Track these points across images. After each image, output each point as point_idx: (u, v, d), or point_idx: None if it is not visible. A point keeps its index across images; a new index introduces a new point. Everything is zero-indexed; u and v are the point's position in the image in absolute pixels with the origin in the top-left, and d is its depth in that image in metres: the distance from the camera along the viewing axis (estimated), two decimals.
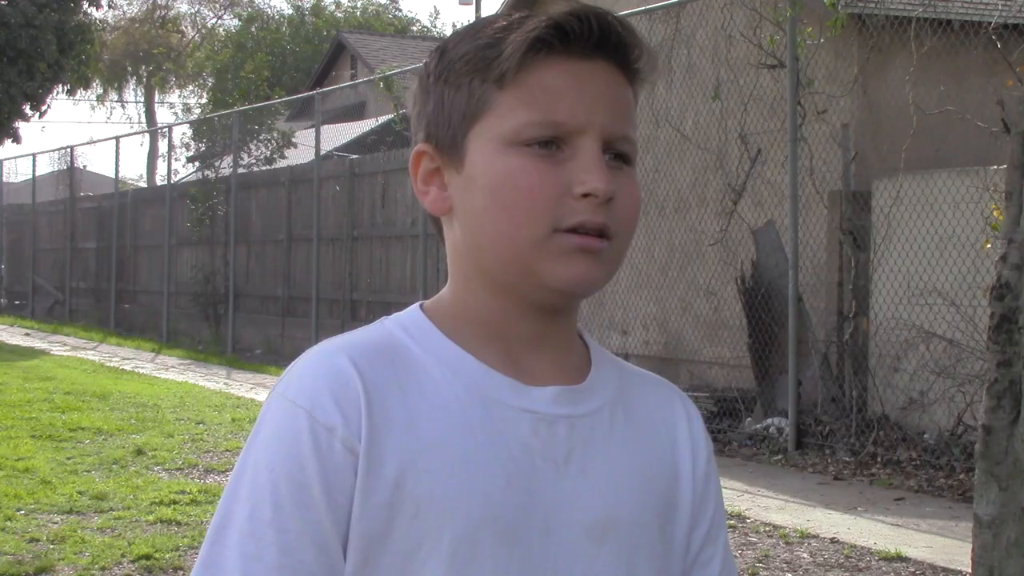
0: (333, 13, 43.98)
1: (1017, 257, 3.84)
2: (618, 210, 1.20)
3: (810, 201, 9.92)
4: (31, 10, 21.56)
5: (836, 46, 10.06)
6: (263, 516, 1.15)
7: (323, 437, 1.15)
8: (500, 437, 1.19)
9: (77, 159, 25.58)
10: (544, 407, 1.22)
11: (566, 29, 1.19)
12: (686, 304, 11.83)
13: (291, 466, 1.15)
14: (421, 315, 1.25)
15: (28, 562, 5.75)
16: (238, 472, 1.19)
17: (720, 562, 1.32)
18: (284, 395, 1.19)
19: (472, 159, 1.21)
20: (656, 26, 11.93)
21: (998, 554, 3.77)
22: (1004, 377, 3.81)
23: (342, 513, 1.15)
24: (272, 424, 1.18)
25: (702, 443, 1.33)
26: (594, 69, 1.21)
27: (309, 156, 18.11)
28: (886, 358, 9.33)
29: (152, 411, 11.01)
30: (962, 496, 7.55)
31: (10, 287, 28.20)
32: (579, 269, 1.19)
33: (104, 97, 49.51)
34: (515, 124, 1.19)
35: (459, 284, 1.26)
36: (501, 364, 1.22)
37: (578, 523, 1.21)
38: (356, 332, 1.25)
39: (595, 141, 1.19)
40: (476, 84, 1.20)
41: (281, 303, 18.10)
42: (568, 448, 1.22)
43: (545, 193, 1.18)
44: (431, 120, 1.24)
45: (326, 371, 1.18)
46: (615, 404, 1.27)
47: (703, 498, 1.31)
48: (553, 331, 1.25)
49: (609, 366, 1.30)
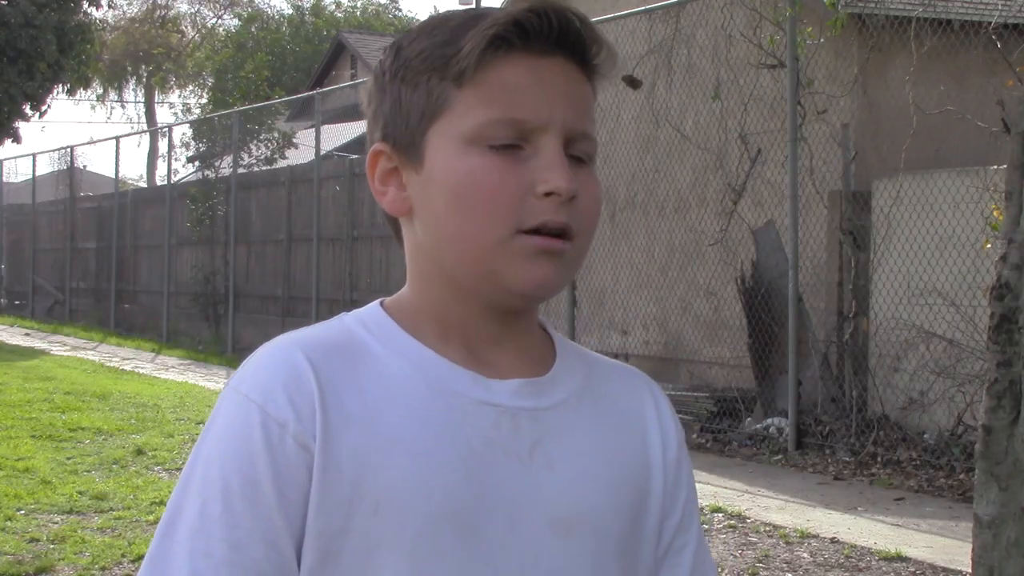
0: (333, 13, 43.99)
1: (1017, 257, 3.84)
2: (580, 208, 1.19)
3: (810, 201, 9.92)
4: (31, 10, 21.56)
5: (836, 46, 10.06)
6: (213, 512, 1.13)
7: (275, 432, 1.14)
8: (460, 431, 1.17)
9: (77, 159, 25.59)
10: (506, 400, 1.20)
11: (525, 26, 1.17)
12: (686, 304, 11.83)
13: (242, 461, 1.14)
14: (381, 311, 1.24)
15: (28, 562, 5.75)
16: (190, 467, 1.17)
17: (693, 549, 1.31)
18: (237, 389, 1.17)
19: (431, 159, 1.19)
20: (656, 26, 11.93)
21: (998, 554, 3.77)
22: (1004, 377, 3.81)
23: (294, 509, 1.14)
24: (224, 419, 1.17)
25: (672, 430, 1.31)
26: (554, 66, 1.19)
27: (309, 156, 18.11)
28: (886, 358, 9.34)
29: (152, 411, 11.01)
30: (962, 496, 7.55)
31: (10, 287, 28.20)
32: (541, 272, 1.17)
33: (104, 97, 49.53)
34: (475, 123, 1.17)
35: (419, 284, 1.24)
36: (462, 358, 1.21)
37: (543, 517, 1.19)
38: (314, 327, 1.24)
39: (557, 138, 1.17)
40: (434, 82, 1.18)
41: (281, 303, 18.10)
42: (532, 441, 1.20)
43: (507, 193, 1.16)
44: (388, 119, 1.23)
45: (280, 366, 1.17)
46: (581, 395, 1.26)
47: (675, 485, 1.30)
48: (514, 329, 1.24)
49: (574, 357, 1.29)
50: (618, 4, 12.42)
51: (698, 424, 10.06)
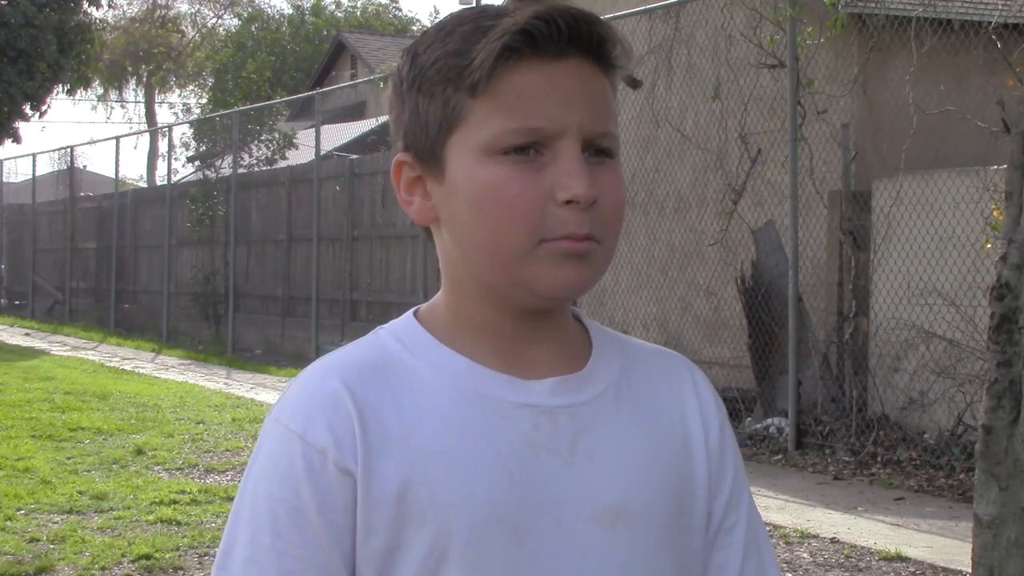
0: (333, 13, 43.99)
1: (1017, 257, 3.84)
2: (603, 211, 1.19)
3: (810, 201, 9.92)
4: (31, 10, 21.56)
5: (836, 46, 10.06)
6: (263, 542, 1.17)
7: (316, 460, 1.17)
8: (501, 435, 1.19)
9: (77, 159, 25.59)
10: (543, 399, 1.22)
11: (534, 33, 1.17)
12: (686, 304, 11.83)
13: (287, 491, 1.17)
14: (414, 322, 1.26)
15: (28, 562, 5.75)
16: (239, 498, 1.21)
17: (745, 526, 1.31)
18: (279, 420, 1.21)
19: (452, 170, 1.20)
20: (656, 26, 11.93)
21: (998, 554, 3.77)
22: (1004, 377, 3.81)
23: (342, 534, 1.17)
24: (268, 450, 1.20)
25: (713, 411, 1.32)
26: (567, 68, 1.19)
27: (309, 156, 18.10)
28: (886, 358, 9.33)
29: (152, 411, 11.01)
30: (962, 496, 7.55)
31: (10, 287, 28.20)
32: (569, 275, 1.18)
33: (104, 97, 49.54)
34: (491, 133, 1.17)
35: (452, 289, 1.26)
36: (497, 362, 1.22)
37: (588, 511, 1.20)
38: (349, 348, 1.26)
39: (574, 142, 1.18)
40: (450, 93, 1.19)
41: (281, 303, 18.10)
42: (572, 437, 1.21)
43: (527, 202, 1.17)
44: (408, 129, 1.23)
45: (317, 393, 1.20)
46: (619, 386, 1.27)
47: (720, 466, 1.30)
48: (548, 327, 1.25)
49: (611, 347, 1.30)
50: (618, 4, 12.42)
51: None
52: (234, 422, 10.41)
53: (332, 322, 16.33)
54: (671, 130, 11.83)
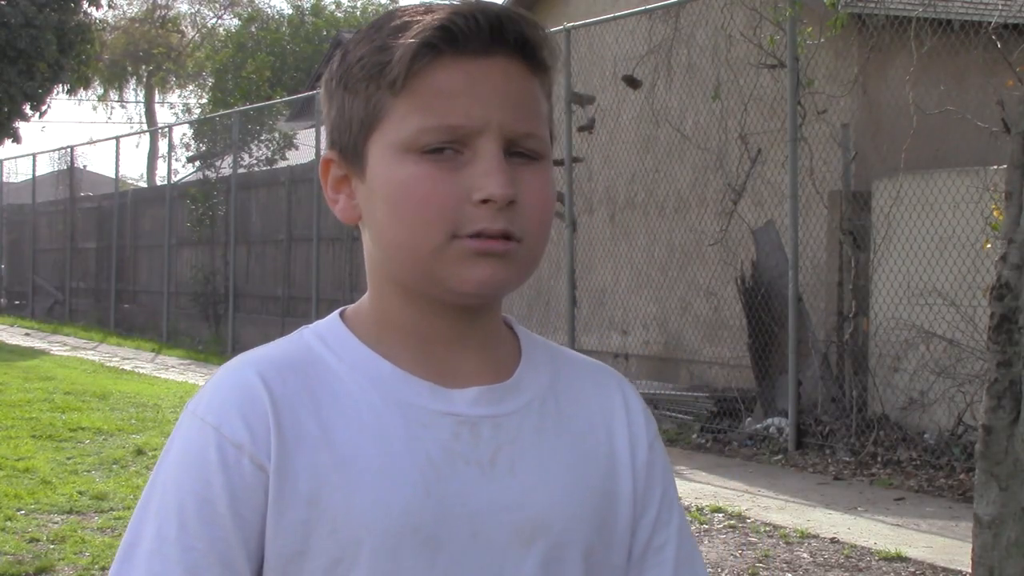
0: (333, 13, 43.97)
1: (1017, 257, 3.84)
2: (523, 211, 1.16)
3: (810, 201, 9.92)
4: (31, 10, 21.56)
5: (836, 46, 10.06)
6: (169, 534, 1.14)
7: (231, 454, 1.14)
8: (419, 443, 1.16)
9: (77, 159, 25.58)
10: (465, 408, 1.19)
11: (452, 30, 1.14)
12: (686, 304, 11.83)
13: (198, 483, 1.14)
14: (339, 323, 1.24)
15: (28, 562, 5.75)
16: (148, 490, 1.17)
17: (675, 545, 1.28)
18: (194, 413, 1.17)
19: (372, 168, 1.18)
20: (656, 26, 11.93)
21: (998, 554, 3.77)
22: (1004, 377, 3.81)
23: (251, 530, 1.14)
24: (181, 442, 1.17)
25: (642, 428, 1.29)
26: (490, 66, 1.16)
27: (309, 156, 18.11)
28: (886, 358, 9.33)
29: (152, 411, 11.02)
30: (962, 496, 7.55)
31: (10, 287, 28.20)
32: (484, 272, 1.15)
33: (104, 97, 49.52)
34: (410, 131, 1.15)
35: (375, 290, 1.24)
36: (421, 368, 1.20)
37: (507, 525, 1.17)
38: (271, 345, 1.23)
39: (493, 142, 1.15)
40: (372, 91, 1.17)
41: (281, 303, 18.10)
42: (493, 449, 1.19)
43: (440, 201, 1.14)
44: (335, 127, 1.22)
45: (234, 387, 1.17)
46: (545, 398, 1.24)
47: (647, 485, 1.27)
48: (474, 330, 1.22)
49: (541, 357, 1.27)
50: (618, 4, 12.42)
51: (698, 424, 10.06)
52: None
53: None
54: (671, 130, 11.82)
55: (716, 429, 9.86)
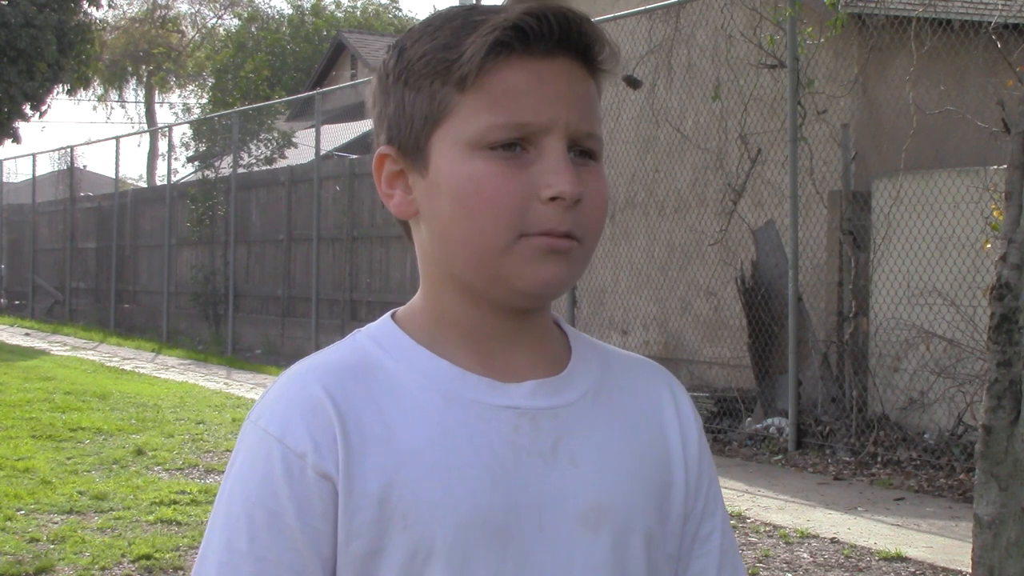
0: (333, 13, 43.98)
1: (1017, 257, 3.84)
2: (586, 211, 1.19)
3: (810, 201, 9.92)
4: (31, 10, 21.56)
5: (836, 46, 10.06)
6: (239, 546, 1.16)
7: (295, 464, 1.16)
8: (482, 438, 1.19)
9: (77, 159, 25.59)
10: (523, 401, 1.21)
11: (525, 29, 1.16)
12: (686, 304, 11.83)
13: (264, 495, 1.16)
14: (392, 325, 1.26)
15: (28, 562, 5.75)
16: (217, 502, 1.20)
17: (720, 535, 1.32)
18: (256, 423, 1.19)
19: (436, 164, 1.19)
20: (656, 26, 11.93)
21: (998, 554, 3.77)
22: (1004, 377, 3.81)
23: (321, 538, 1.16)
24: (246, 453, 1.19)
25: (691, 422, 1.32)
26: (556, 67, 1.18)
27: (309, 156, 18.11)
28: (886, 358, 9.34)
29: (152, 411, 11.01)
30: (962, 496, 7.55)
31: (10, 287, 28.20)
32: (548, 271, 1.18)
33: (104, 97, 49.53)
34: (478, 127, 1.17)
35: (430, 287, 1.26)
36: (476, 365, 1.22)
37: (572, 513, 1.20)
38: (328, 351, 1.25)
39: (560, 140, 1.17)
40: (437, 87, 1.18)
41: (281, 303, 18.10)
42: (554, 439, 1.21)
43: (510, 198, 1.16)
44: (392, 122, 1.23)
45: (297, 397, 1.19)
46: (598, 390, 1.27)
47: (697, 476, 1.31)
48: (526, 327, 1.24)
49: (590, 353, 1.30)
50: (618, 4, 12.42)
51: None
52: (234, 422, 10.41)
53: (332, 322, 16.33)
54: (671, 130, 11.82)
55: (716, 429, 9.86)
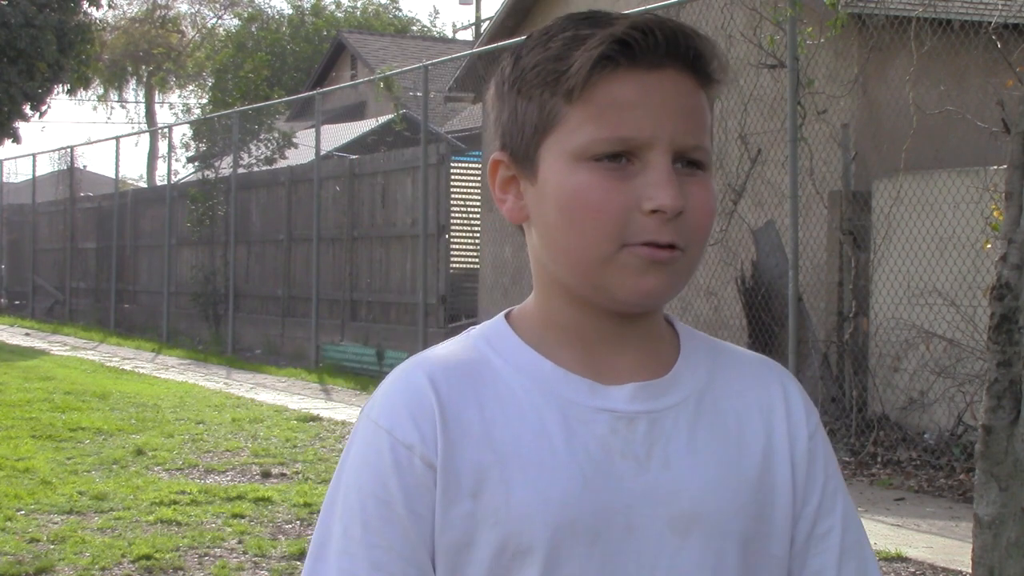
0: (333, 13, 43.97)
1: (1017, 257, 3.84)
2: (689, 221, 1.21)
3: (810, 201, 9.92)
4: (31, 10, 21.56)
5: (836, 46, 10.06)
6: (354, 534, 1.22)
7: (403, 455, 1.21)
8: (578, 439, 1.21)
9: (77, 159, 25.60)
10: (622, 405, 1.23)
11: (631, 43, 1.19)
12: (686, 304, 11.83)
13: (376, 485, 1.22)
14: (504, 324, 1.29)
15: (28, 562, 5.75)
16: (332, 492, 1.26)
17: (840, 532, 1.31)
18: (368, 416, 1.25)
19: (544, 172, 1.22)
20: None
21: (998, 554, 3.77)
22: (1004, 377, 3.81)
23: (427, 525, 1.21)
24: (359, 446, 1.25)
25: (802, 420, 1.32)
26: (663, 79, 1.20)
27: (309, 156, 18.11)
28: (886, 358, 9.34)
29: (152, 411, 11.01)
30: (962, 496, 7.55)
31: (10, 287, 28.20)
32: (649, 283, 1.20)
33: (104, 97, 49.53)
34: (583, 140, 1.19)
35: (540, 289, 1.29)
36: (581, 366, 1.24)
37: (661, 517, 1.22)
38: (443, 346, 1.29)
39: (664, 154, 1.19)
40: (547, 97, 1.21)
41: (281, 303, 18.10)
42: (649, 443, 1.23)
43: (613, 210, 1.19)
44: (506, 130, 1.26)
45: (404, 389, 1.24)
46: (703, 393, 1.28)
47: (808, 475, 1.30)
48: (633, 330, 1.27)
49: (700, 353, 1.32)
50: (618, 4, 12.42)
51: None
52: (234, 422, 10.41)
53: (332, 322, 16.33)
54: None
55: None
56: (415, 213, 15.10)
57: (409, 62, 23.25)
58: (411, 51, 31.14)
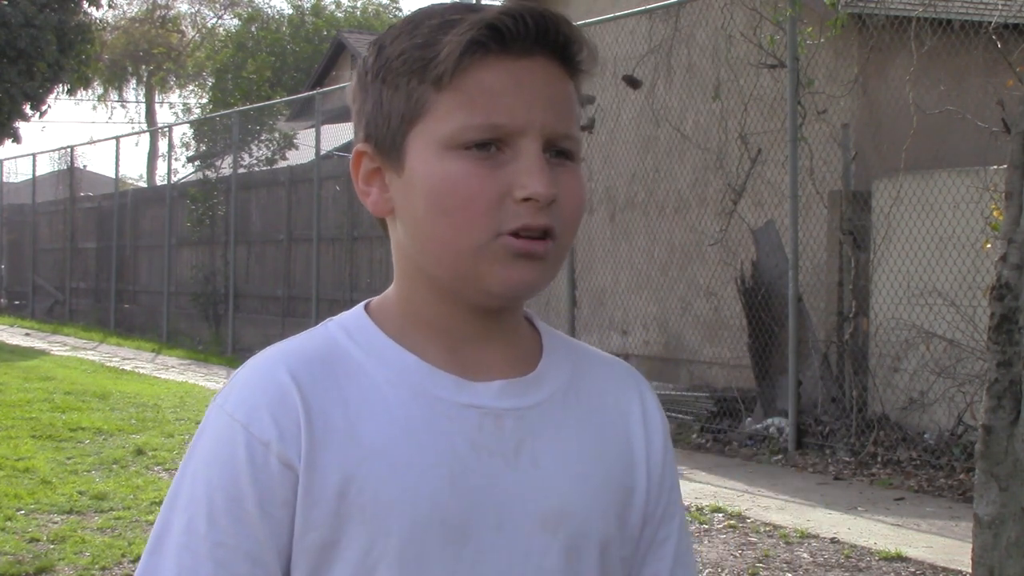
0: (333, 13, 43.97)
1: (1017, 257, 3.84)
2: (561, 210, 1.18)
3: (810, 201, 9.92)
4: (31, 10, 21.56)
5: (836, 46, 10.06)
6: (198, 529, 1.16)
7: (259, 452, 1.16)
8: (445, 436, 1.18)
9: (77, 159, 25.58)
10: (489, 401, 1.21)
11: (501, 29, 1.16)
12: (686, 304, 11.83)
13: (226, 480, 1.16)
14: (364, 316, 1.25)
15: (28, 562, 5.75)
16: (177, 482, 1.20)
17: (676, 540, 1.32)
18: (223, 408, 1.19)
19: (412, 162, 1.19)
20: (656, 26, 11.93)
21: (998, 554, 3.77)
22: (1004, 377, 3.81)
23: (280, 527, 1.16)
24: (210, 436, 1.19)
25: (657, 426, 1.32)
26: (533, 67, 1.18)
27: (309, 156, 18.11)
28: (886, 358, 9.33)
29: (152, 411, 11.01)
30: (962, 496, 7.55)
31: (10, 287, 28.20)
32: (520, 273, 1.17)
33: (104, 97, 49.53)
34: (453, 127, 1.16)
35: (403, 283, 1.25)
36: (446, 362, 1.22)
37: (532, 515, 1.20)
38: (298, 338, 1.24)
39: (536, 141, 1.17)
40: (414, 85, 1.18)
41: (281, 303, 18.10)
42: (517, 440, 1.21)
43: (485, 198, 1.16)
44: (370, 120, 1.23)
45: (265, 384, 1.18)
46: (567, 391, 1.26)
47: (660, 481, 1.30)
48: (498, 326, 1.24)
49: (562, 352, 1.29)
50: (618, 4, 12.42)
51: (698, 424, 10.06)
52: None
53: None
54: (671, 130, 11.82)
55: (716, 429, 9.86)
56: None
57: None
58: None
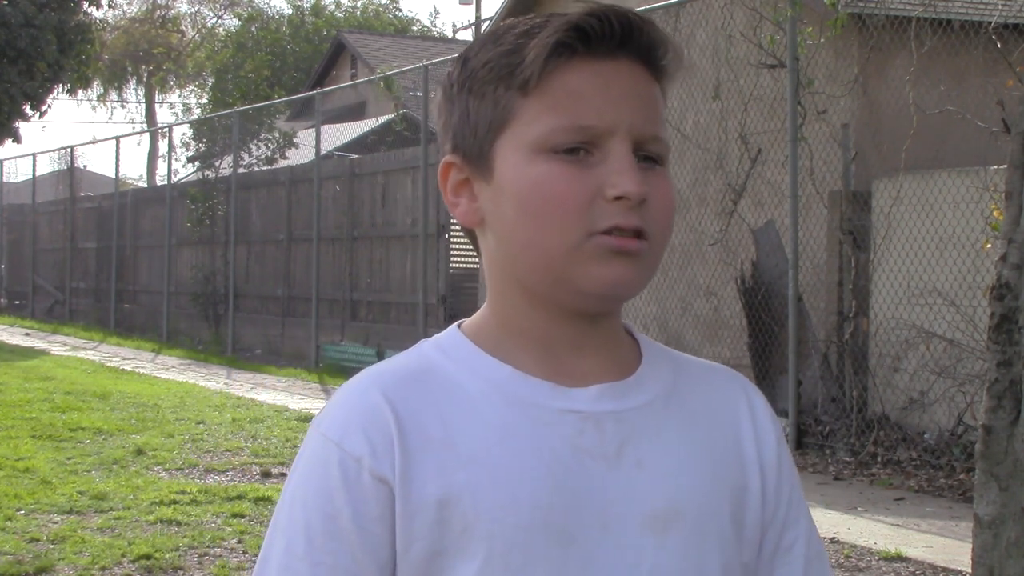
0: (333, 13, 43.96)
1: (1017, 257, 3.84)
2: (652, 212, 1.18)
3: (810, 201, 9.92)
4: (31, 10, 21.56)
5: (836, 46, 10.06)
6: (297, 549, 1.18)
7: (351, 468, 1.17)
8: (544, 441, 1.18)
9: (77, 159, 25.60)
10: (587, 405, 1.20)
11: (586, 30, 1.17)
12: (686, 304, 11.83)
13: (322, 498, 1.18)
14: (458, 333, 1.25)
15: (28, 562, 5.75)
16: (279, 506, 1.22)
17: (804, 544, 1.29)
18: (318, 428, 1.21)
19: (500, 169, 1.19)
20: None
21: (998, 554, 3.77)
22: (1004, 377, 3.81)
23: (378, 543, 1.17)
24: (306, 458, 1.21)
25: (769, 429, 1.30)
26: (619, 68, 1.19)
27: (309, 156, 18.11)
28: (886, 358, 9.33)
29: (152, 411, 11.01)
30: (962, 496, 7.55)
31: (10, 287, 28.20)
32: (616, 271, 1.17)
33: (104, 97, 49.52)
34: (541, 130, 1.17)
35: (496, 295, 1.25)
36: (542, 370, 1.21)
37: (637, 516, 1.19)
38: (392, 360, 1.25)
39: (625, 142, 1.17)
40: (500, 92, 1.19)
41: (281, 303, 18.10)
42: (619, 442, 1.20)
43: (576, 199, 1.16)
44: (457, 131, 1.23)
45: (357, 403, 1.20)
46: (669, 396, 1.25)
47: (777, 483, 1.28)
48: (595, 334, 1.23)
49: (662, 360, 1.28)
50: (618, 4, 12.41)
51: None
52: (234, 422, 10.41)
53: (332, 322, 16.33)
54: (671, 130, 11.78)
55: None
56: (415, 213, 15.10)
57: (409, 62, 23.25)
58: (411, 51, 31.13)
